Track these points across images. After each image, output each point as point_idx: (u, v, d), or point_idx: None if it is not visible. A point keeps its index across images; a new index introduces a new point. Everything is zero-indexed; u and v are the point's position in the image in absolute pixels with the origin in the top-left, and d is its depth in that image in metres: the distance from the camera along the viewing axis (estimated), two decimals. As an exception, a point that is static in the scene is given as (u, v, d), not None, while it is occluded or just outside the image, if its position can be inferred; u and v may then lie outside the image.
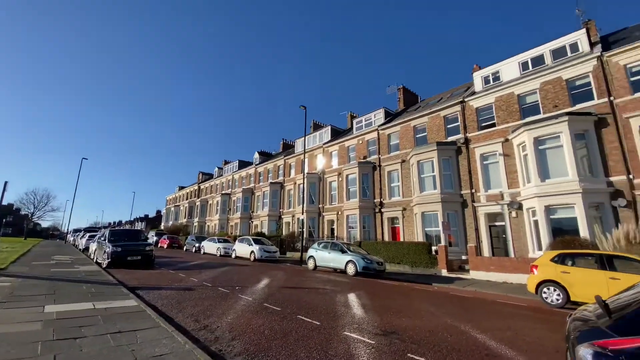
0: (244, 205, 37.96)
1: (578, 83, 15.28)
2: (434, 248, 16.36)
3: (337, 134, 30.04)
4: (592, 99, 14.68)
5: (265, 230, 32.65)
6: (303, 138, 22.39)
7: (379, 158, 23.62)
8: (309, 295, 8.54)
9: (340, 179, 26.20)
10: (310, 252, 15.74)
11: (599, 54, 14.54)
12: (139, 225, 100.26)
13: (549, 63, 16.64)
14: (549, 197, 14.45)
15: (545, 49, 16.97)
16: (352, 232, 24.09)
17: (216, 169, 52.06)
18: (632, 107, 13.53)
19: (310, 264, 15.48)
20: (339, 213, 25.73)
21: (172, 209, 59.24)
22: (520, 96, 17.08)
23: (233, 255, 21.80)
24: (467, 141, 18.74)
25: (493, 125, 17.93)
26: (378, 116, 25.23)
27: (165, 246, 33.23)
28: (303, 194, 22.68)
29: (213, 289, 8.99)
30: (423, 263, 15.58)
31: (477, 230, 17.56)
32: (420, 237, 19.11)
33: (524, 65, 17.66)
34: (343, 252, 14.09)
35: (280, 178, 34.32)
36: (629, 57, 13.84)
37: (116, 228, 18.59)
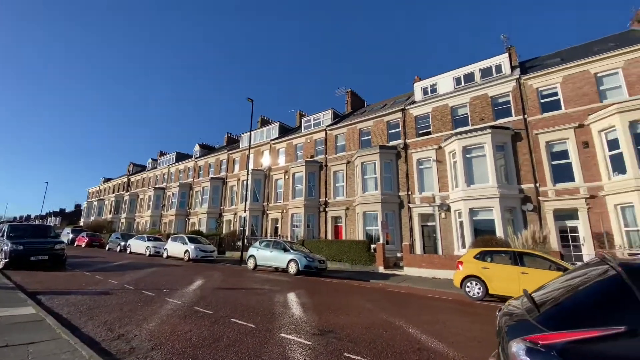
0: (180, 201, 35.24)
1: (500, 100, 17.26)
2: (372, 246, 17.01)
3: (285, 131, 29.61)
4: (511, 115, 16.70)
5: (203, 229, 30.71)
6: (249, 132, 21.52)
7: (326, 158, 23.85)
8: (246, 296, 8.08)
9: (286, 177, 25.83)
10: (251, 251, 15.12)
11: (517, 76, 16.61)
12: (53, 221, 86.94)
13: (478, 80, 18.50)
14: (473, 200, 16.02)
15: (475, 68, 18.83)
16: (296, 231, 23.91)
17: (150, 160, 47.55)
18: (541, 125, 15.69)
19: (251, 264, 14.87)
20: (284, 211, 25.35)
21: (95, 203, 52.51)
22: (453, 108, 18.69)
23: (165, 255, 19.99)
24: (406, 146, 19.91)
25: (429, 133, 19.33)
26: (326, 117, 25.49)
27: (83, 245, 29.23)
28: (247, 191, 21.73)
29: (136, 292, 8.00)
30: (362, 260, 16.09)
31: (411, 229, 18.73)
32: (361, 236, 19.74)
33: (458, 81, 19.38)
34: (285, 250, 13.80)
35: (223, 173, 32.63)
36: (540, 82, 16.04)
37: (18, 223, 15.56)
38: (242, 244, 18.68)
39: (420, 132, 19.79)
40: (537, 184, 15.39)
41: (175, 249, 19.29)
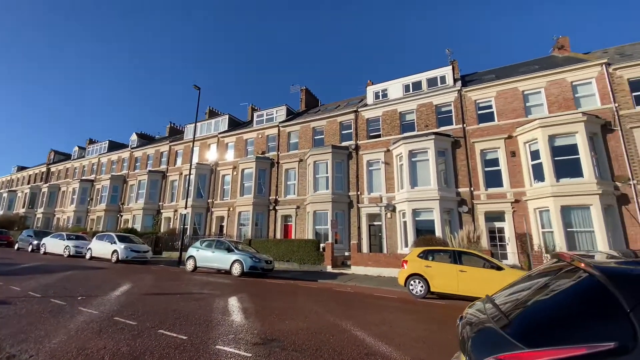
0: (112, 195, 31.51)
1: (444, 109, 18.38)
2: (322, 245, 16.86)
3: (235, 125, 28.16)
4: (452, 124, 17.87)
5: (138, 227, 27.81)
6: (194, 123, 19.87)
7: (278, 155, 23.17)
8: (180, 302, 7.20)
9: (235, 172, 24.54)
10: (191, 251, 13.86)
11: (459, 88, 17.84)
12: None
13: (425, 89, 19.50)
14: (416, 201, 16.78)
15: (422, 77, 19.83)
16: (243, 230, 22.82)
17: (76, 148, 41.83)
18: (477, 135, 17.04)
19: (190, 265, 13.62)
20: (231, 209, 24.05)
21: (5, 195, 44.56)
22: (402, 113, 19.45)
23: (88, 256, 17.50)
24: (357, 147, 20.20)
25: (379, 136, 19.86)
26: (280, 112, 24.80)
27: (-18, 244, 24.45)
28: (188, 186, 20.05)
29: (42, 301, 6.64)
30: (311, 260, 15.83)
31: (359, 228, 19.04)
32: (310, 235, 19.52)
33: (407, 88, 20.22)
34: (229, 251, 12.88)
35: (163, 166, 29.93)
36: (478, 95, 17.42)
37: None
38: (181, 244, 17.14)
39: (371, 134, 20.25)
40: (472, 188, 16.67)
41: (101, 248, 16.97)
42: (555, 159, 14.52)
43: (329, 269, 15.28)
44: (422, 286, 8.98)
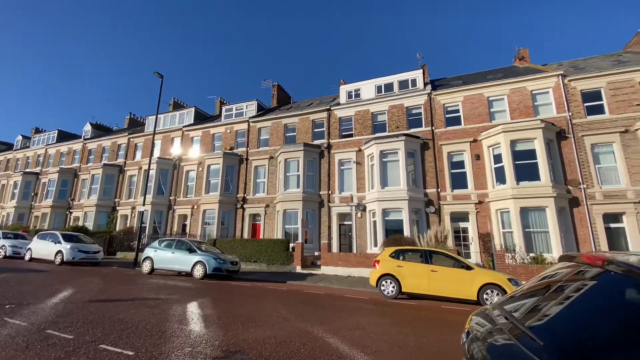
0: (60, 190, 28.55)
1: (414, 111, 18.66)
2: (291, 245, 16.34)
3: (202, 118, 26.69)
4: (422, 126, 18.18)
5: (90, 225, 25.41)
6: (155, 114, 18.34)
7: (247, 151, 22.24)
8: (131, 309, 6.36)
9: (200, 168, 23.20)
10: (148, 252, 12.66)
11: (429, 91, 18.19)
12: None
13: (396, 91, 19.69)
14: (386, 201, 16.83)
15: (394, 79, 20.01)
16: (208, 229, 21.62)
17: (20, 137, 37.47)
18: (445, 137, 17.46)
19: (146, 267, 12.43)
20: (195, 207, 22.70)
21: None
22: (373, 114, 19.48)
23: (27, 257, 15.51)
24: (329, 146, 19.92)
25: (351, 135, 19.74)
26: (250, 107, 23.86)
27: None
28: (147, 181, 18.56)
29: (-49, 313, 5.49)
30: (280, 260, 15.24)
31: (329, 228, 18.76)
32: (279, 235, 18.92)
33: (379, 89, 20.30)
34: (191, 251, 11.91)
35: (121, 160, 27.64)
36: (447, 99, 17.87)
37: None
38: (137, 244, 15.73)
39: (343, 133, 20.07)
40: (439, 189, 17.05)
41: (43, 248, 15.08)
42: (516, 162, 15.22)
43: (299, 269, 14.80)
44: (393, 286, 8.81)
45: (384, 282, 8.97)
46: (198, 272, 11.36)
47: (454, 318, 6.88)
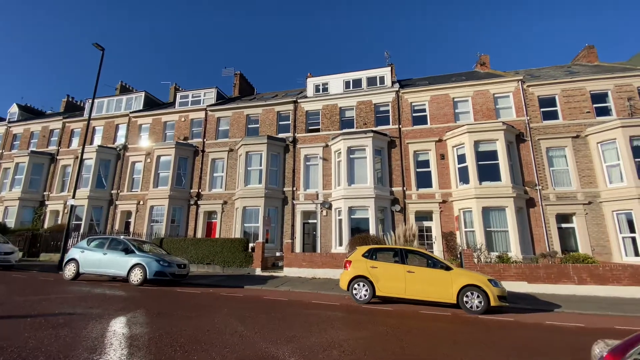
0: (-30, 180, 23.63)
1: (382, 109, 18.12)
2: (251, 245, 14.74)
3: (153, 105, 23.78)
4: (389, 123, 17.69)
5: (11, 221, 21.32)
6: (93, 93, 15.35)
7: (204, 142, 20.08)
8: (27, 331, 4.51)
9: (149, 160, 20.51)
10: (72, 252, 10.26)
11: (397, 89, 17.77)
12: None
13: (364, 87, 19.03)
14: (352, 199, 16.01)
15: (363, 75, 19.35)
16: (156, 228, 19.08)
17: None
18: (411, 136, 17.12)
19: (69, 271, 10.03)
20: (141, 203, 19.98)
21: None
22: (342, 109, 18.60)
23: None
24: (295, 141, 18.63)
25: (318, 130, 18.67)
26: (209, 95, 21.67)
27: None
28: (79, 171, 15.67)
29: None
30: (237, 262, 13.56)
31: (293, 226, 17.47)
32: (238, 234, 17.20)
33: (347, 84, 19.50)
34: (128, 252, 9.82)
35: (53, 147, 23.64)
36: (414, 97, 17.57)
37: None
38: (63, 244, 12.98)
39: (310, 128, 18.92)
40: (405, 188, 16.64)
41: None
42: (479, 163, 15.28)
43: (258, 271, 13.27)
44: (366, 290, 7.80)
45: (356, 286, 7.92)
46: (136, 277, 9.36)
47: (439, 326, 6.02)
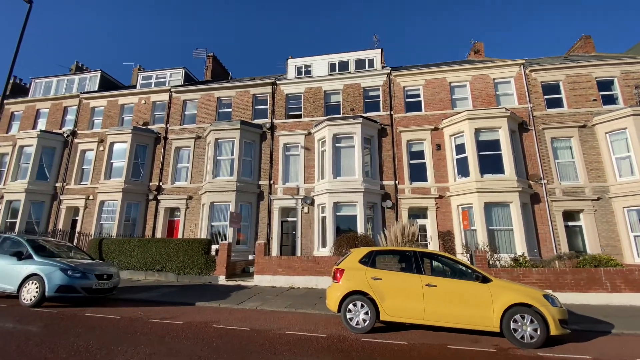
0: None
1: (371, 93, 15.68)
2: (215, 247, 11.72)
3: (111, 87, 20.15)
4: (379, 110, 15.27)
5: None
6: (12, 58, 11.88)
7: (167, 128, 16.83)
8: None
9: (101, 148, 16.99)
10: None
11: (388, 71, 15.41)
12: None
13: (352, 70, 16.57)
14: (338, 193, 13.43)
15: (350, 57, 16.87)
16: (106, 227, 15.58)
17: None
18: (404, 123, 14.78)
19: None
20: (90, 198, 16.42)
21: None
22: (326, 93, 16.01)
23: None
24: (273, 127, 15.82)
25: (300, 116, 15.97)
26: (175, 77, 18.43)
27: None
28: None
29: None
30: (196, 268, 10.50)
31: (269, 225, 14.61)
32: (204, 234, 14.14)
33: (332, 67, 16.95)
34: (22, 257, 6.61)
35: (-13, 133, 19.48)
36: (408, 81, 15.26)
37: None
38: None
39: (291, 113, 16.17)
40: (397, 181, 14.24)
41: None
42: (480, 153, 13.14)
43: (222, 280, 10.28)
44: (367, 312, 5.13)
45: (351, 306, 5.22)
46: (29, 293, 6.18)
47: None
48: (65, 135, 17.69)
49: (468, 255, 10.64)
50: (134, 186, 15.74)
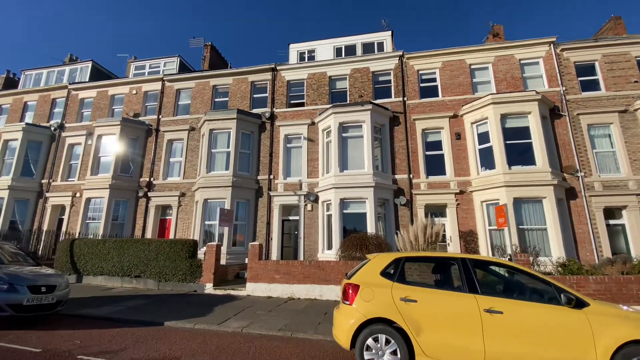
0: None
1: (381, 78, 13.89)
2: (202, 250, 10.01)
3: (102, 77, 18.66)
4: (391, 96, 13.47)
5: None
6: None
7: (159, 119, 15.24)
8: None
9: (90, 142, 15.47)
10: None
11: (401, 53, 13.61)
12: None
13: (360, 54, 14.82)
14: (345, 189, 11.65)
15: (357, 40, 15.14)
16: (92, 226, 14.02)
17: None
18: (419, 111, 12.96)
19: None
20: (77, 195, 14.90)
21: None
22: (332, 78, 14.25)
23: None
24: (273, 117, 14.13)
25: (302, 104, 14.24)
26: (170, 66, 16.88)
27: None
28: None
29: None
30: (179, 274, 8.78)
31: (269, 224, 12.89)
32: (197, 234, 12.50)
33: (338, 51, 15.23)
34: None
35: (-27, 127, 18.11)
36: (422, 64, 13.44)
37: None
38: None
39: (292, 102, 14.46)
40: (411, 175, 12.41)
41: None
42: (507, 142, 11.28)
43: (209, 289, 8.54)
44: (394, 352, 3.29)
45: (370, 342, 3.42)
46: None
47: None
48: (52, 128, 16.22)
49: (507, 259, 8.76)
50: (122, 182, 14.17)
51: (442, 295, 3.46)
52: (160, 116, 15.16)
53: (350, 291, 3.72)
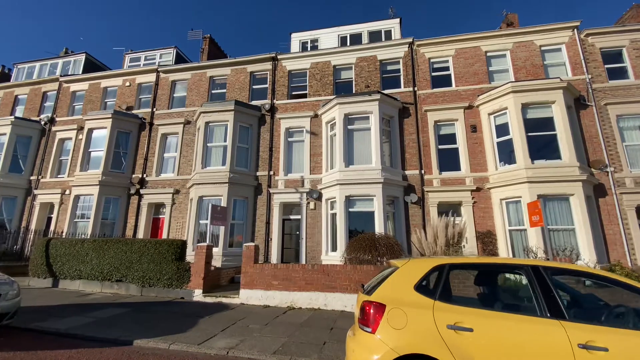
0: None
1: (390, 68, 12.78)
2: (192, 252, 8.90)
3: (96, 70, 17.67)
4: (400, 86, 12.35)
5: None
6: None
7: (153, 112, 14.20)
8: None
9: (80, 136, 14.45)
10: None
11: (410, 40, 12.50)
12: None
13: (366, 43, 13.73)
14: (351, 185, 10.53)
15: (363, 29, 14.08)
16: (81, 225, 12.98)
17: None
18: (431, 101, 11.84)
19: None
20: (67, 192, 13.87)
21: None
22: (336, 68, 13.16)
23: None
24: (273, 109, 13.05)
25: (305, 95, 13.15)
26: (166, 57, 15.86)
27: None
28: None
29: None
30: (164, 279, 7.65)
31: (268, 224, 11.78)
32: (191, 234, 11.42)
33: (343, 40, 14.18)
34: None
35: (-38, 122, 17.15)
36: (433, 51, 12.32)
37: None
38: None
39: (294, 93, 13.38)
40: (423, 171, 11.27)
41: None
42: (529, 135, 10.12)
43: (198, 295, 7.42)
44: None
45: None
46: None
47: None
48: (42, 122, 15.22)
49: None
50: (113, 178, 13.11)
51: (510, 322, 2.32)
52: (154, 109, 14.11)
53: (373, 313, 2.59)
